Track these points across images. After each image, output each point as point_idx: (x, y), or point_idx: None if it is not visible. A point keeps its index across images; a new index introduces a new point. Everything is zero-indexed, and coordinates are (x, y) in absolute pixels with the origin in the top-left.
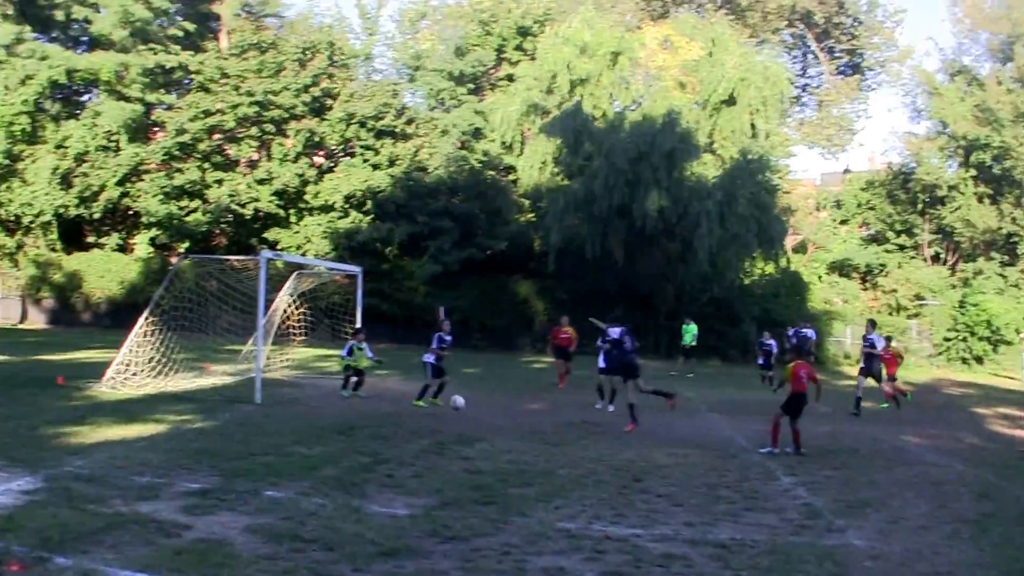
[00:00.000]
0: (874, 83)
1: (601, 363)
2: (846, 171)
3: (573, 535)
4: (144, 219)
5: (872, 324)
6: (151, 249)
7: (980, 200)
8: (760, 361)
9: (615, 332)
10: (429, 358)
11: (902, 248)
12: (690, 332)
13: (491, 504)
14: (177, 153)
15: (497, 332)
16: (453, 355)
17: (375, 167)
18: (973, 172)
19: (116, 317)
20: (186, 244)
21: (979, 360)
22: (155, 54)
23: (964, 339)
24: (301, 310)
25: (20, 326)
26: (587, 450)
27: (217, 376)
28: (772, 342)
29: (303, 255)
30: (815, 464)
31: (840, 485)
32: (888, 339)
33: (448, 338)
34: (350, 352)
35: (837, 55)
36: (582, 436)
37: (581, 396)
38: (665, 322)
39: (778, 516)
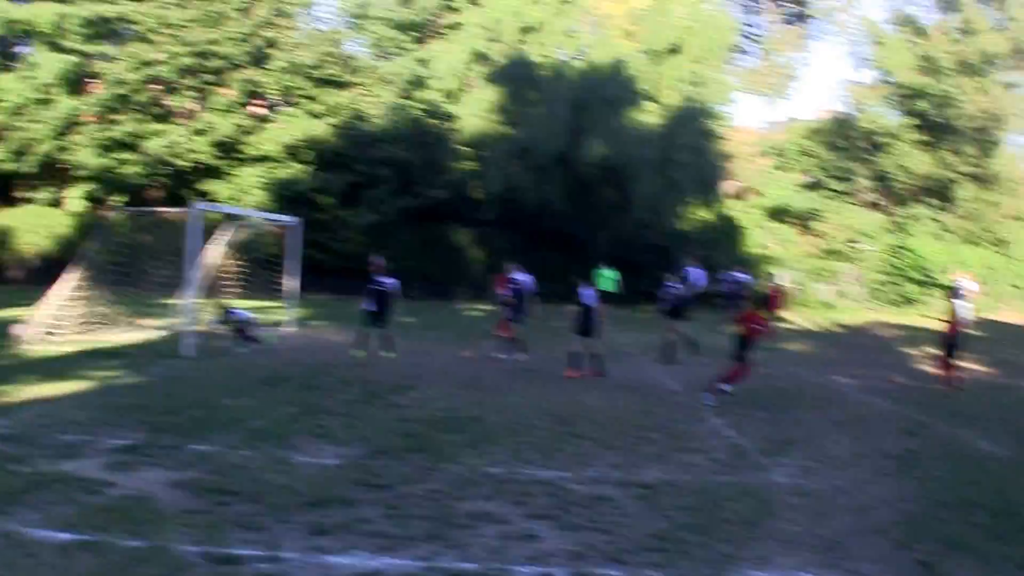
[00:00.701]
0: (819, 32)
1: (510, 313)
2: (788, 119)
3: (500, 480)
4: (78, 173)
5: (740, 265)
6: (85, 203)
7: (918, 147)
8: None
9: (522, 279)
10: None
11: (839, 194)
12: (606, 278)
13: (420, 452)
14: (114, 105)
15: (434, 281)
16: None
17: (315, 116)
18: (914, 120)
19: (48, 273)
20: (121, 197)
21: (912, 302)
22: (95, 4)
23: (897, 282)
24: (237, 262)
25: None
26: (519, 396)
27: (148, 331)
28: (677, 285)
29: (240, 206)
30: (743, 405)
31: (767, 425)
32: (766, 278)
33: (388, 281)
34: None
35: (783, 3)
36: (515, 382)
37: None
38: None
39: (705, 456)
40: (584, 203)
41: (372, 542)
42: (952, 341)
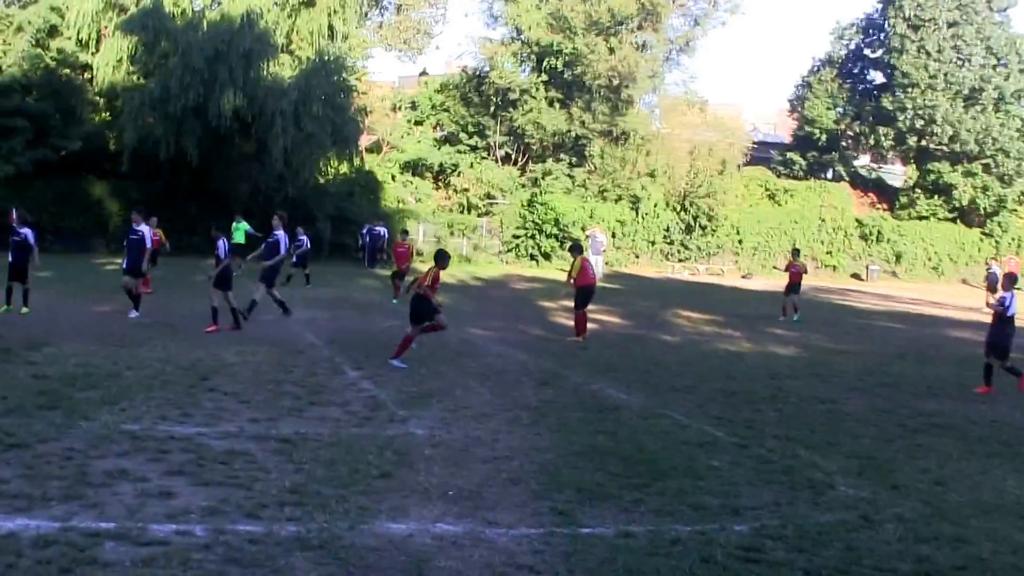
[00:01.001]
0: None
1: (124, 264)
2: (422, 74)
3: (137, 436)
4: None
5: (280, 218)
6: None
7: (551, 104)
8: (295, 260)
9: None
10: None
11: (474, 149)
12: (240, 230)
13: (56, 409)
14: None
15: (71, 234)
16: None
17: None
18: (545, 77)
19: None
20: None
21: (547, 256)
22: None
23: (533, 236)
24: None
25: None
26: (156, 351)
27: None
28: (304, 238)
29: None
30: (381, 358)
31: (405, 377)
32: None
33: (24, 231)
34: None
35: None
36: (152, 337)
37: (162, 299)
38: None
39: (342, 409)
40: (221, 155)
41: (7, 503)
42: (583, 293)
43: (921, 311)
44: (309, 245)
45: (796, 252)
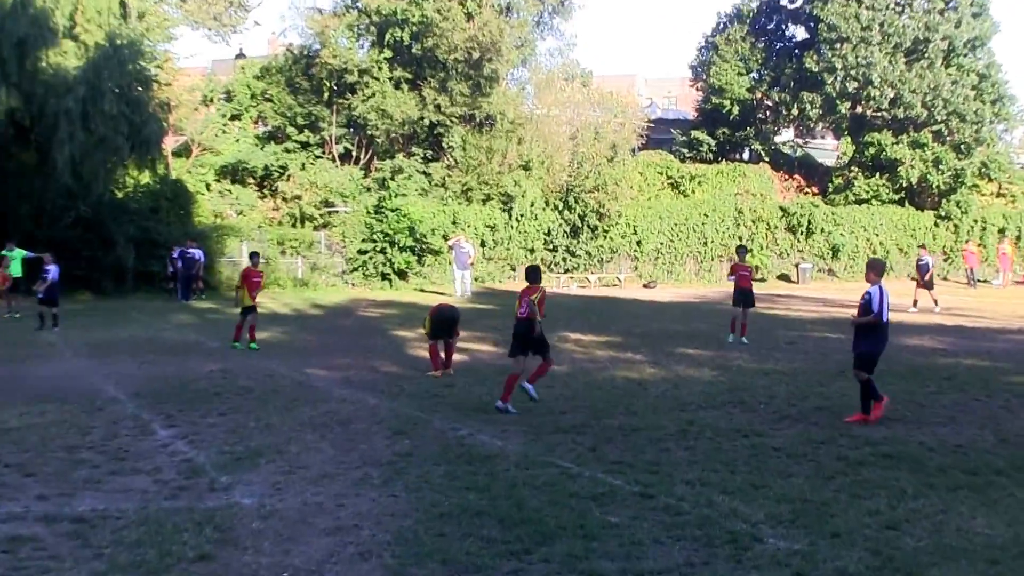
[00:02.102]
0: None
1: None
2: (239, 56)
3: None
4: None
5: (192, 239)
6: None
7: (398, 86)
8: (40, 295)
9: None
10: None
11: (306, 146)
12: (16, 259)
13: None
14: None
15: None
16: None
17: None
18: (389, 53)
19: None
20: None
21: (402, 275)
22: None
23: (383, 250)
24: None
25: None
26: None
27: None
28: (52, 268)
29: None
30: (198, 410)
31: (228, 433)
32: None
33: None
34: None
35: None
36: None
37: None
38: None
39: (151, 478)
40: None
41: None
42: (445, 317)
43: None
44: (57, 276)
45: (742, 250)
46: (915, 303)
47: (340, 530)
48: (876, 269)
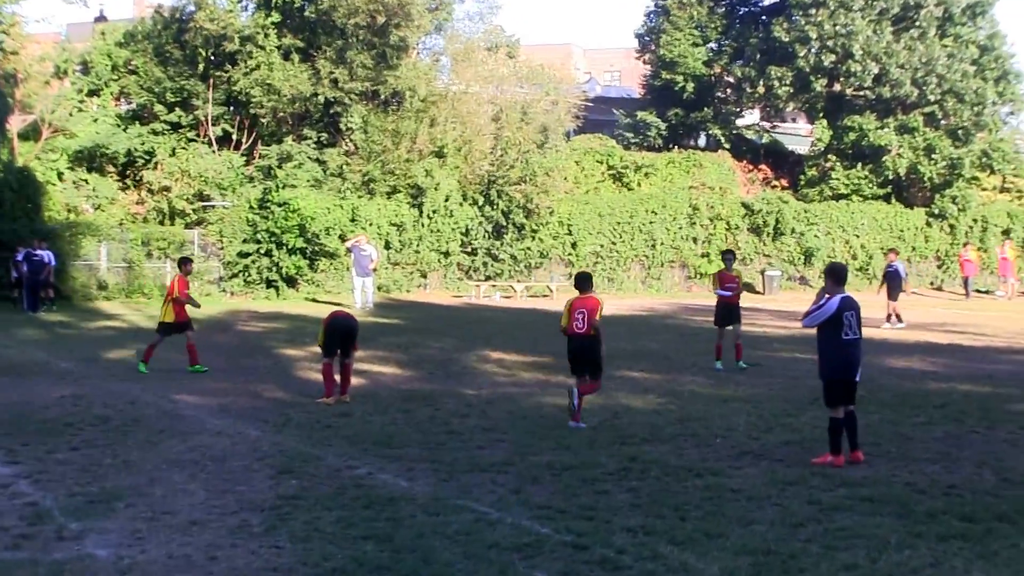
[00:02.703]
0: None
1: None
2: (99, 19)
3: None
4: None
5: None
6: None
7: (287, 57)
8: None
9: None
10: None
11: (177, 127)
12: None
13: None
14: None
15: None
16: None
17: None
18: (277, 17)
19: None
20: None
21: (291, 282)
22: None
23: (268, 253)
24: None
25: None
26: None
27: None
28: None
29: None
30: (46, 444)
31: (80, 472)
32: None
33: None
34: None
35: None
36: None
37: None
38: None
39: None
40: None
41: None
42: (341, 327)
43: None
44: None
45: (730, 257)
46: (889, 317)
47: None
48: (836, 276)
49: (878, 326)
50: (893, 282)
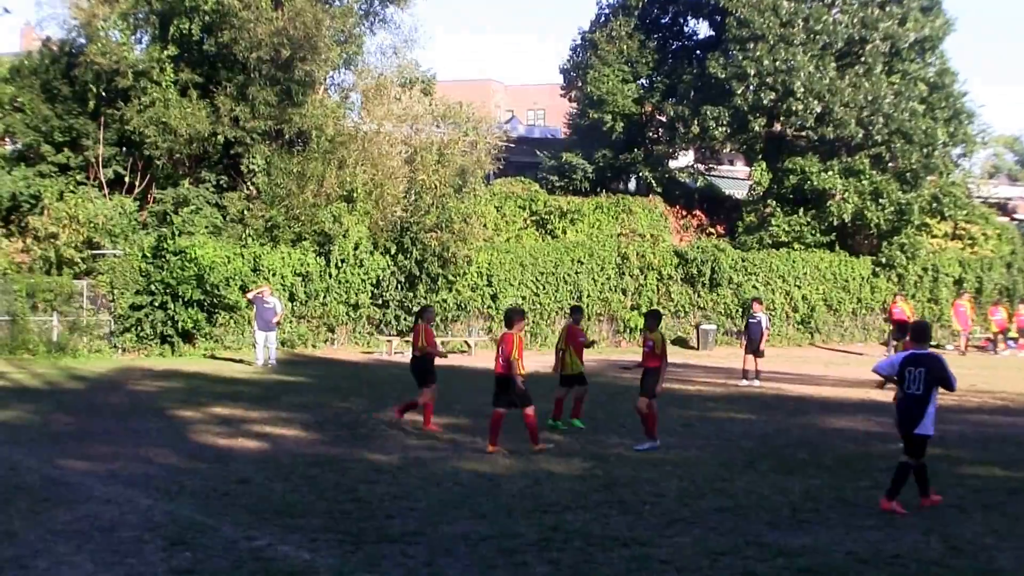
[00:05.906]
0: None
1: None
2: None
3: None
4: None
5: None
6: None
7: (184, 93)
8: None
9: None
10: None
11: (66, 169)
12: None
13: None
14: None
15: None
16: None
17: None
18: (174, 51)
19: None
20: None
21: (188, 337)
22: None
23: (164, 305)
24: None
25: None
26: None
27: None
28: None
29: None
30: None
31: None
32: None
33: None
34: None
35: None
36: None
37: None
38: None
39: None
40: None
41: None
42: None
43: (783, 390)
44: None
45: (654, 318)
46: (745, 373)
47: None
48: (915, 333)
49: (737, 384)
50: (754, 334)
